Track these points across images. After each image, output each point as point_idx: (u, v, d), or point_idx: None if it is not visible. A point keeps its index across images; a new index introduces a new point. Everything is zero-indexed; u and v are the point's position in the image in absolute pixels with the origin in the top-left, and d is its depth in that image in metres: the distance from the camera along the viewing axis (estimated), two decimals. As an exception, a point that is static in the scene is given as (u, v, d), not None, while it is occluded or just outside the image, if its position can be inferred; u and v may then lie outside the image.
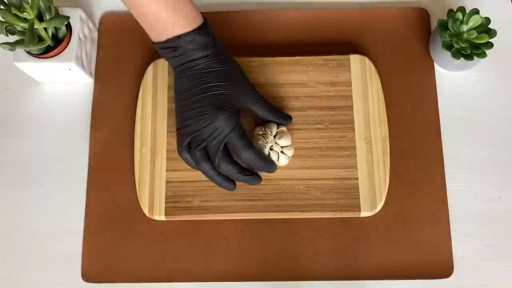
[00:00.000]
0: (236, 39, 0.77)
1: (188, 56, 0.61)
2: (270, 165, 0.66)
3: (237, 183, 0.67)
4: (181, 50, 0.61)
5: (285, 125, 0.68)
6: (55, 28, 0.69)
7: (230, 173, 0.64)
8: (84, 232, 0.71)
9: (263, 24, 0.77)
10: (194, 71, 0.62)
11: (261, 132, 0.68)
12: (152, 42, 0.63)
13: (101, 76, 0.76)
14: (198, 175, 0.69)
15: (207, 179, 0.69)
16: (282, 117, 0.68)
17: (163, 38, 0.61)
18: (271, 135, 0.67)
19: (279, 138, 0.67)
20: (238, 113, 0.64)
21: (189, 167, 0.68)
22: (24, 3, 0.64)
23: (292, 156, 0.69)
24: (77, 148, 0.74)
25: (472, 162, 0.72)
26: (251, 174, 0.65)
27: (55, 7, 0.68)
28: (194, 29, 0.61)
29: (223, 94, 0.62)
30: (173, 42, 0.60)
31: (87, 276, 0.69)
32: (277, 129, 0.68)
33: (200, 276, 0.69)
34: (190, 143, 0.64)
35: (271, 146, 0.67)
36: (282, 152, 0.67)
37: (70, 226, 0.71)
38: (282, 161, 0.67)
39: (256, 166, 0.65)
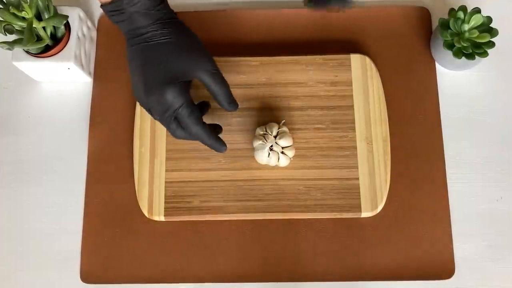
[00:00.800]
0: (236, 38, 0.77)
1: (133, 22, 0.58)
2: (219, 144, 0.62)
3: (237, 183, 0.67)
4: (126, 14, 0.58)
5: (228, 110, 0.62)
6: (54, 27, 0.70)
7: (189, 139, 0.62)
8: (83, 232, 0.71)
9: (263, 23, 0.77)
10: (140, 40, 0.59)
11: (261, 132, 0.68)
12: (100, 6, 0.60)
13: (100, 75, 0.76)
14: (197, 175, 0.70)
15: (207, 179, 0.69)
16: (228, 99, 0.61)
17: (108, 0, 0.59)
18: (271, 135, 0.67)
19: (280, 138, 0.67)
20: (187, 87, 0.60)
21: (190, 168, 0.70)
22: (22, 2, 0.64)
23: (293, 156, 0.69)
24: (76, 147, 0.74)
25: (474, 162, 0.72)
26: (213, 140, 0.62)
27: (53, 6, 0.68)
28: None
29: (169, 67, 0.58)
30: (116, 4, 0.57)
31: (85, 277, 0.69)
32: (278, 129, 0.68)
33: (200, 277, 0.69)
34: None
35: (271, 146, 0.67)
36: (282, 152, 0.67)
37: (69, 226, 0.71)
38: (282, 161, 0.67)
39: (206, 144, 0.62)
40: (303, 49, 0.75)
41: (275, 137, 0.67)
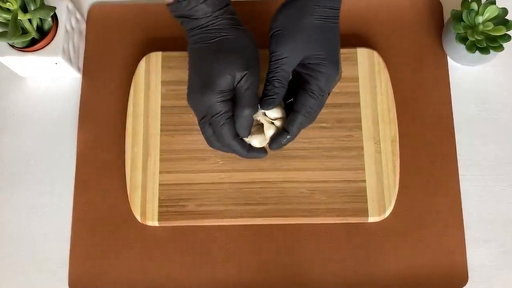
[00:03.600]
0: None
1: (190, 22, 0.61)
2: (256, 154, 0.64)
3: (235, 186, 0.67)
4: (182, 17, 0.61)
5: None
6: (40, 19, 0.69)
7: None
8: (71, 237, 0.71)
9: (263, 14, 0.77)
10: (196, 39, 0.61)
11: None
12: (166, 5, 0.61)
13: (89, 70, 0.76)
14: (193, 177, 0.70)
15: (204, 181, 0.70)
16: (241, 126, 0.62)
17: (168, 1, 0.60)
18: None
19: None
20: (229, 95, 0.60)
21: (185, 169, 0.70)
22: (6, -8, 0.64)
23: (295, 157, 0.69)
24: (63, 147, 0.74)
25: (488, 162, 0.72)
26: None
27: (40, -4, 0.68)
28: None
29: (213, 71, 0.60)
30: (175, 6, 0.60)
31: (74, 285, 0.69)
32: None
33: (196, 285, 0.69)
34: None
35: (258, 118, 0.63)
36: (272, 123, 0.64)
37: (56, 231, 0.71)
38: (270, 134, 0.63)
39: (240, 156, 0.63)
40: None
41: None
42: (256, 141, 0.64)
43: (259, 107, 0.62)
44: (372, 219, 0.68)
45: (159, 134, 0.71)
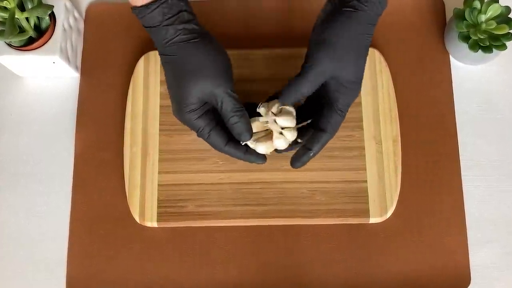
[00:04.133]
0: (236, 29, 0.76)
1: (152, 35, 0.59)
2: (254, 158, 0.63)
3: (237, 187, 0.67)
4: (145, 27, 0.59)
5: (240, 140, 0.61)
6: (38, 18, 0.69)
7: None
8: (69, 238, 0.70)
9: (263, 13, 0.77)
10: (162, 58, 0.60)
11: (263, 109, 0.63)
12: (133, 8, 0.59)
13: (87, 70, 0.76)
14: (192, 177, 0.70)
15: (203, 182, 0.69)
16: (238, 135, 0.60)
17: (140, 2, 0.58)
18: (271, 111, 0.62)
19: (281, 116, 0.61)
20: (205, 109, 0.60)
21: (184, 169, 0.70)
22: (4, -9, 0.64)
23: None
24: (61, 148, 0.74)
25: (491, 163, 0.72)
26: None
27: (37, -5, 0.68)
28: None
29: (184, 91, 0.59)
30: (137, 11, 0.58)
31: (71, 285, 0.69)
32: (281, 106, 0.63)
33: (195, 287, 0.68)
34: None
35: (266, 122, 0.61)
36: (281, 133, 0.62)
37: (54, 232, 0.71)
38: (278, 142, 0.61)
39: (241, 159, 0.63)
40: (306, 40, 0.74)
41: (274, 114, 0.62)
42: (262, 147, 0.62)
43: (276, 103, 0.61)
44: (373, 220, 0.68)
45: (158, 134, 0.71)
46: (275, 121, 0.60)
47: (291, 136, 0.61)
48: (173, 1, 0.57)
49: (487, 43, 0.67)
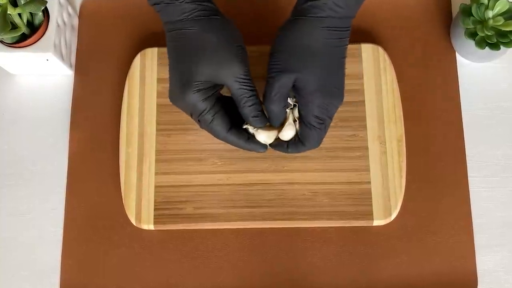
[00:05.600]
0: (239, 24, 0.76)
1: (162, 13, 0.59)
2: (253, 146, 0.62)
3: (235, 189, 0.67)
4: (155, 5, 0.58)
5: (252, 125, 0.62)
6: (31, 14, 0.69)
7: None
8: (63, 242, 0.70)
9: (263, 9, 0.77)
10: (171, 36, 0.59)
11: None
12: None
13: (82, 67, 0.76)
14: (190, 178, 0.69)
15: (201, 183, 0.69)
16: (254, 120, 0.60)
17: None
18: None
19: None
20: (212, 91, 0.59)
21: (182, 170, 0.69)
22: (-5, -14, 0.64)
23: (297, 158, 0.69)
24: (55, 148, 0.73)
25: (499, 164, 0.71)
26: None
27: (30, -10, 0.68)
28: None
29: (192, 70, 0.58)
30: None
31: (66, 292, 0.69)
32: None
33: (193, 292, 0.68)
34: None
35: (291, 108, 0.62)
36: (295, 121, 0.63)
37: (47, 235, 0.71)
38: (287, 133, 0.62)
39: (239, 147, 0.63)
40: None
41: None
42: (263, 135, 0.62)
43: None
44: (377, 222, 0.68)
45: (154, 133, 0.71)
46: (293, 108, 0.61)
47: (294, 129, 0.62)
48: None
49: (495, 40, 0.67)
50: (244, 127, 0.62)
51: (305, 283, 0.68)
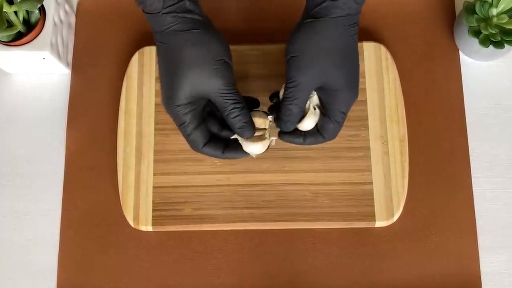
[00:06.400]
0: (232, 24, 0.76)
1: (150, 22, 0.59)
2: (236, 155, 0.62)
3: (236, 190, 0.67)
4: (145, 13, 0.58)
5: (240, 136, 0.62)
6: (27, 11, 0.69)
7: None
8: (60, 243, 0.70)
9: (264, 7, 0.77)
10: (158, 46, 0.60)
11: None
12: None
13: (79, 66, 0.76)
14: (189, 179, 0.69)
15: (200, 184, 0.69)
16: (239, 131, 0.61)
17: None
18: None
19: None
20: (194, 106, 0.59)
21: (180, 171, 0.69)
22: (-9, -17, 0.64)
23: (298, 158, 0.69)
24: (52, 148, 0.73)
25: (503, 163, 0.71)
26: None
27: (26, -13, 0.68)
28: None
29: (175, 83, 0.58)
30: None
31: (63, 294, 0.69)
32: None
33: (192, 294, 0.68)
34: None
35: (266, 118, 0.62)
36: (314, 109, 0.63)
37: (44, 237, 0.71)
38: (308, 122, 0.62)
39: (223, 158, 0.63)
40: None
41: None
42: (254, 147, 0.61)
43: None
44: (379, 223, 0.68)
45: (153, 133, 0.71)
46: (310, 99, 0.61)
47: (316, 119, 0.62)
48: None
49: (499, 38, 0.67)
50: (233, 137, 0.62)
51: (306, 285, 0.68)
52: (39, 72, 0.75)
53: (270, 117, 0.62)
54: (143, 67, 0.73)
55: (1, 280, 0.70)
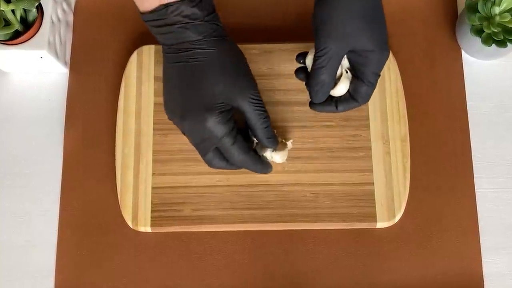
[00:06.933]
0: (232, 21, 0.75)
1: (178, 35, 0.59)
2: (264, 168, 0.65)
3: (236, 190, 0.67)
4: (171, 26, 0.58)
5: (266, 146, 0.64)
6: (24, 10, 0.69)
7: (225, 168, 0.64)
8: (58, 244, 0.70)
9: (265, 6, 0.77)
10: (183, 57, 0.60)
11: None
12: (140, 13, 0.60)
13: (77, 65, 0.76)
14: (189, 179, 0.69)
15: (200, 184, 0.69)
16: (270, 141, 0.63)
17: (149, 7, 0.58)
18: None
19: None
20: (230, 113, 0.61)
21: (180, 171, 0.70)
22: (-13, -19, 0.64)
23: (298, 158, 0.69)
24: (49, 148, 0.73)
25: (506, 164, 0.71)
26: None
27: (24, -15, 0.68)
28: None
29: (211, 92, 0.59)
30: (160, 12, 0.58)
31: (61, 296, 0.69)
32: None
33: (192, 296, 0.68)
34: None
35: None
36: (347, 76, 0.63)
37: (42, 238, 0.71)
38: (341, 87, 0.62)
39: (252, 170, 0.64)
40: (311, 35, 0.74)
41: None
42: (278, 156, 0.65)
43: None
44: (380, 224, 0.68)
45: (151, 133, 0.71)
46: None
47: (348, 83, 0.62)
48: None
49: (501, 37, 0.67)
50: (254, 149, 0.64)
51: (307, 286, 0.68)
52: (37, 71, 0.75)
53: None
54: (142, 67, 0.73)
55: (-1, 282, 0.70)
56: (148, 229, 0.69)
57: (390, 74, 0.72)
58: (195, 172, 0.70)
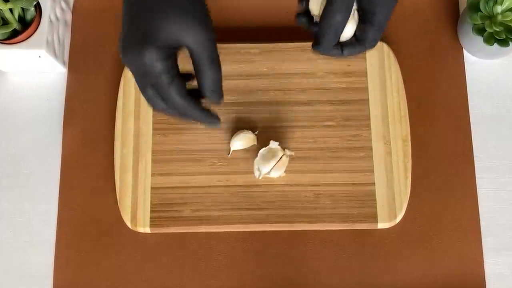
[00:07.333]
0: (232, 21, 0.76)
1: None
2: (209, 117, 0.57)
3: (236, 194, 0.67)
4: None
5: (208, 99, 0.56)
6: (22, 9, 0.69)
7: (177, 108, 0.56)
8: (56, 245, 0.70)
9: (265, 4, 0.77)
10: None
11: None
12: None
13: (75, 64, 0.76)
14: (188, 180, 0.69)
15: (199, 185, 0.69)
16: (213, 94, 0.55)
17: None
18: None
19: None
20: (173, 53, 0.54)
21: (179, 171, 0.69)
22: (-15, -20, 0.64)
23: (298, 158, 0.69)
24: (48, 147, 0.73)
25: (508, 164, 0.71)
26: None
27: (22, -16, 0.68)
28: None
29: (155, 25, 0.53)
30: None
31: (59, 297, 0.69)
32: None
33: (191, 297, 0.68)
34: None
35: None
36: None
37: (40, 238, 0.71)
38: (349, 29, 0.58)
39: (192, 119, 0.57)
40: (311, 34, 0.74)
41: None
42: (276, 172, 0.67)
43: None
44: (381, 225, 0.68)
45: (151, 133, 0.71)
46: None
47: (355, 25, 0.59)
48: None
49: (503, 36, 0.67)
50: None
51: (307, 287, 0.68)
52: (35, 71, 0.75)
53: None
54: (141, 66, 0.73)
55: (-3, 283, 0.70)
56: (147, 230, 0.69)
57: (391, 73, 0.72)
58: (195, 172, 0.70)
